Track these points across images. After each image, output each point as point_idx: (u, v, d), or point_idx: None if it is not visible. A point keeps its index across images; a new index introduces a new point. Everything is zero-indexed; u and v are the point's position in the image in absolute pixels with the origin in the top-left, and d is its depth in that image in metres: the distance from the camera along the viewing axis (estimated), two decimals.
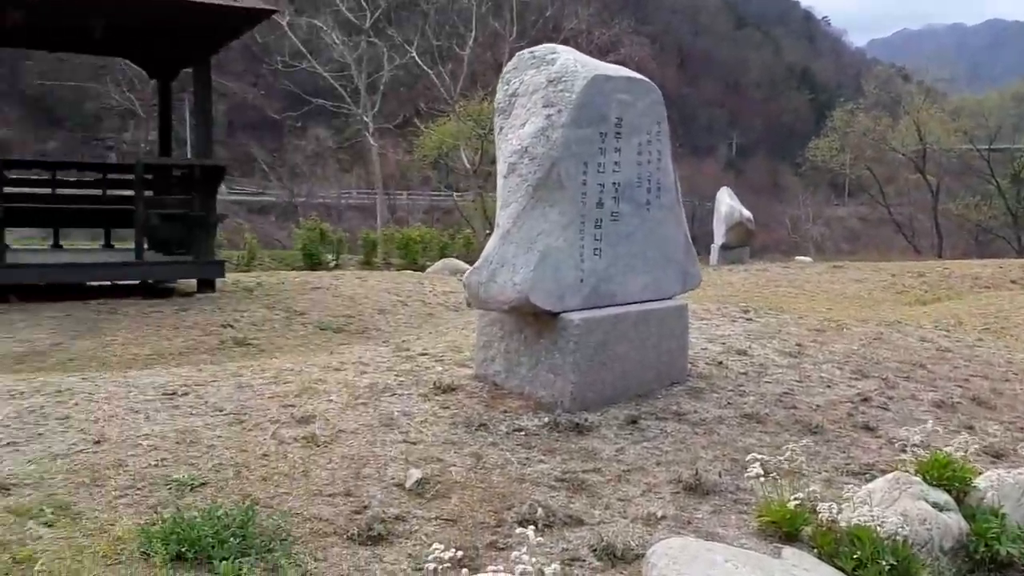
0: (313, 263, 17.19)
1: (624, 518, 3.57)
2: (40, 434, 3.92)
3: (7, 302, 8.66)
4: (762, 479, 3.55)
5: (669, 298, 5.23)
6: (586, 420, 4.44)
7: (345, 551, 3.17)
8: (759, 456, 3.69)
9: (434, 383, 4.85)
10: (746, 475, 3.67)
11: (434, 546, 2.60)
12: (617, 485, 3.87)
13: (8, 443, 3.80)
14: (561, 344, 4.59)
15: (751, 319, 7.32)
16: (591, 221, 4.67)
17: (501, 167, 4.67)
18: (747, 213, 20.11)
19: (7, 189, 9.76)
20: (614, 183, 4.74)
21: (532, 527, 2.84)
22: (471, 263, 14.16)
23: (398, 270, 16.56)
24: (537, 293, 4.46)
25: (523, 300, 4.47)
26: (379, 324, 9.43)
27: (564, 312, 4.60)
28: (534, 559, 2.68)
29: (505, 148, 4.63)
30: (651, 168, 4.96)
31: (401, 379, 4.97)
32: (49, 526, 3.13)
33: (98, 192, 11.67)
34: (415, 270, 16.40)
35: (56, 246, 12.12)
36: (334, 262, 17.87)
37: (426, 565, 2.63)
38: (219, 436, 4.05)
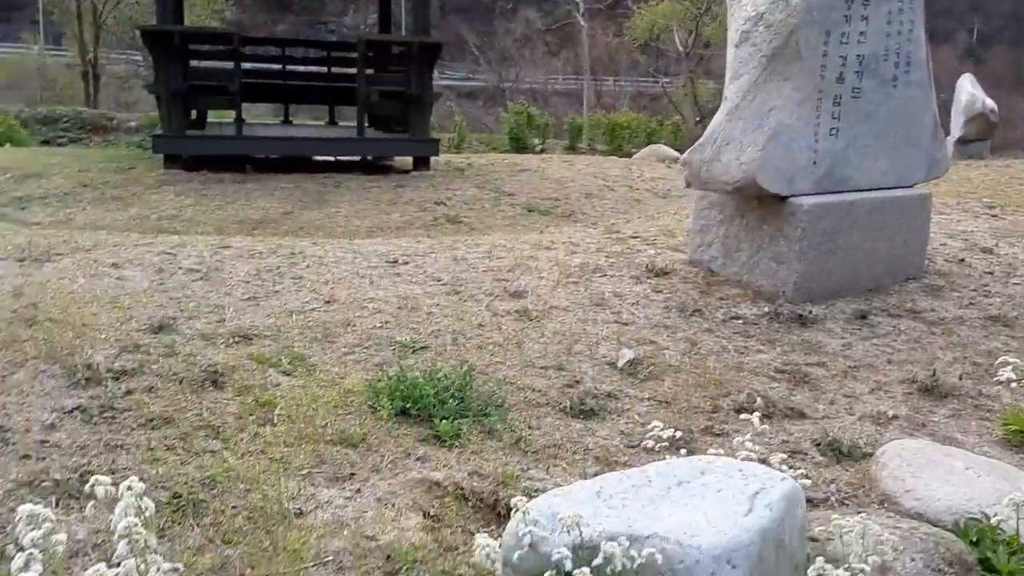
0: (519, 147, 17.26)
1: (850, 415, 3.36)
2: (276, 291, 4.18)
3: (244, 172, 9.30)
4: (1013, 384, 3.21)
5: (910, 186, 4.77)
6: (810, 312, 4.19)
7: (558, 422, 3.18)
8: (1010, 360, 3.34)
9: (646, 266, 4.74)
10: (993, 380, 3.35)
11: (653, 423, 2.54)
12: (843, 381, 3.65)
13: (249, 298, 4.07)
14: (787, 231, 4.33)
15: (997, 216, 6.62)
16: (829, 97, 4.29)
17: (732, 36, 4.34)
18: (990, 103, 18.07)
19: (244, 65, 10.34)
20: (858, 55, 4.30)
21: (755, 415, 2.72)
22: (680, 151, 13.55)
23: (603, 156, 16.32)
24: (765, 174, 4.19)
25: (749, 181, 4.21)
26: (585, 208, 9.35)
27: (793, 196, 4.31)
28: (757, 447, 2.58)
29: (738, 14, 4.30)
30: (900, 40, 4.47)
31: (612, 260, 4.89)
32: (286, 375, 3.34)
33: (323, 70, 12.15)
34: (620, 156, 16.10)
35: (286, 122, 12.81)
36: (540, 146, 17.85)
37: (644, 442, 2.59)
38: (437, 304, 4.16)
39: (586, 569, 1.86)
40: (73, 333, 3.44)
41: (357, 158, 10.67)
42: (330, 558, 2.36)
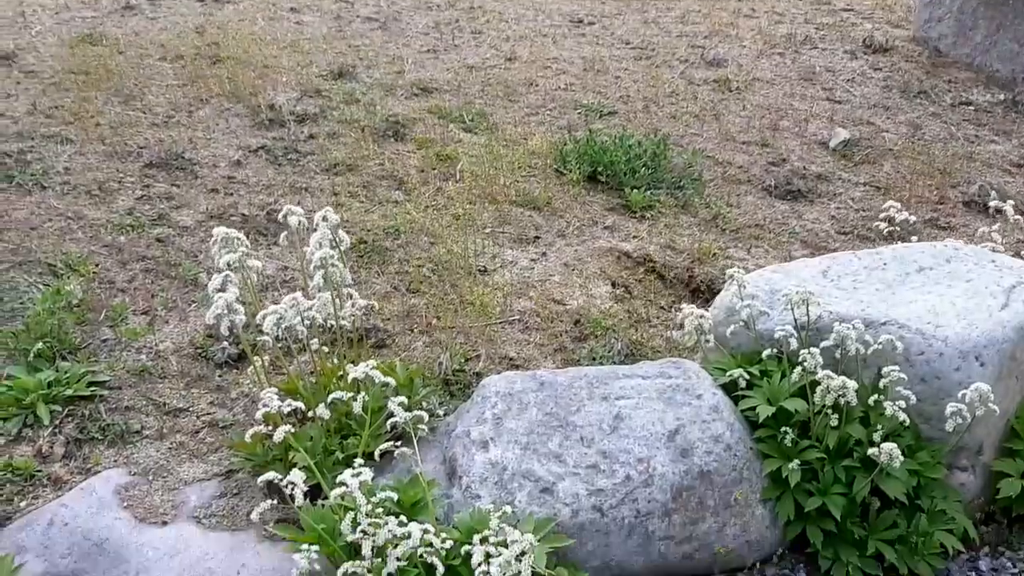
0: None
1: None
2: (456, 45, 3.94)
3: None
4: None
5: None
6: None
7: (760, 201, 2.90)
8: None
9: (863, 40, 4.19)
10: None
11: (889, 203, 2.23)
12: None
13: (428, 50, 3.85)
14: None
15: None
16: None
17: None
18: None
19: None
20: None
21: (1009, 204, 2.35)
22: None
23: None
24: None
25: None
26: None
27: None
28: (1003, 240, 2.24)
29: None
30: None
31: (823, 32, 4.34)
32: (468, 131, 3.16)
33: None
34: None
35: None
36: None
37: (876, 224, 2.29)
38: (625, 69, 3.82)
39: (816, 350, 1.66)
40: (255, 74, 3.35)
41: None
42: (516, 317, 2.25)
